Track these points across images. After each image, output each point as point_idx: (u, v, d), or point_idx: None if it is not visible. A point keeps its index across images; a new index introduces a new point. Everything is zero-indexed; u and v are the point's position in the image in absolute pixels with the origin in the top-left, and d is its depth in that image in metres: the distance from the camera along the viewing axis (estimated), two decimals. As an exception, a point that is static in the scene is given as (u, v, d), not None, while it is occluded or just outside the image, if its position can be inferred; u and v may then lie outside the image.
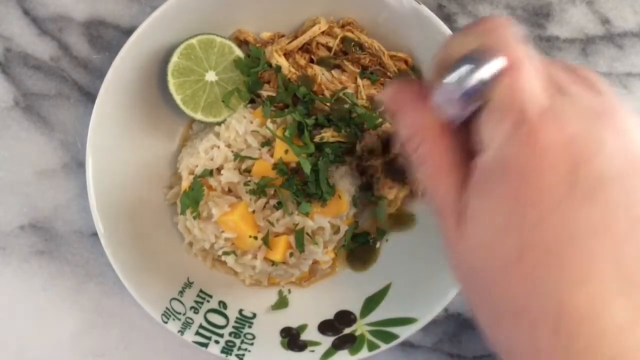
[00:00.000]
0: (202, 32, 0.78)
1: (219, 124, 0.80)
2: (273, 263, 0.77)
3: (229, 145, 0.78)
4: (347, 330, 0.78)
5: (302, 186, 0.76)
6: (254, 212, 0.76)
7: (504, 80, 0.37)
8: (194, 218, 0.76)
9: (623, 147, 0.36)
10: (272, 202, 0.77)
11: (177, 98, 0.77)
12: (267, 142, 0.78)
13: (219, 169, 0.78)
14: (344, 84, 0.79)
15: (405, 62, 0.82)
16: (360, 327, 0.78)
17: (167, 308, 0.76)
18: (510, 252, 0.36)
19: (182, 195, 0.76)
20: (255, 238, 0.75)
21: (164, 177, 0.83)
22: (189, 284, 0.79)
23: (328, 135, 0.77)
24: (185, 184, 0.78)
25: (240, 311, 0.80)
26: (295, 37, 0.81)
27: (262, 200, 0.76)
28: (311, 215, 0.76)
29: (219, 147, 0.78)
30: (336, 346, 0.76)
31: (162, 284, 0.78)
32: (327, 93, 0.79)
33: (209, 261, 0.82)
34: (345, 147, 0.79)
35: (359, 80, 0.80)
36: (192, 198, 0.75)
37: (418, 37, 0.79)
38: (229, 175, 0.76)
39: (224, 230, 0.75)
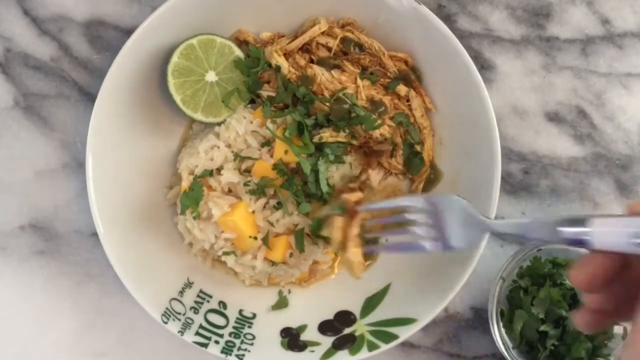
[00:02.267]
0: (202, 32, 0.78)
1: (219, 124, 0.80)
2: (273, 263, 0.77)
3: (229, 146, 0.78)
4: (347, 331, 0.78)
5: (302, 186, 0.76)
6: (253, 212, 0.76)
7: None
8: (194, 218, 0.76)
9: None
10: (272, 202, 0.77)
11: (177, 98, 0.77)
12: (267, 143, 0.78)
13: (219, 169, 0.78)
14: (343, 84, 0.79)
15: (405, 62, 0.82)
16: (360, 327, 0.78)
17: (167, 308, 0.76)
18: None
19: (182, 196, 0.76)
20: (255, 238, 0.75)
21: (164, 177, 0.83)
22: (189, 284, 0.80)
23: (327, 135, 0.77)
24: (185, 184, 0.78)
25: (240, 311, 0.80)
26: (295, 37, 0.81)
27: (262, 201, 0.76)
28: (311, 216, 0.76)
29: (219, 147, 0.78)
30: (336, 346, 0.76)
31: (162, 284, 0.78)
32: (326, 93, 0.79)
33: (209, 261, 0.82)
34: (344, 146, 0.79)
35: (359, 81, 0.80)
36: (192, 198, 0.75)
37: (418, 37, 0.79)
38: (229, 176, 0.76)
39: (224, 231, 0.75)
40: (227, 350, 0.75)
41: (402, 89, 0.81)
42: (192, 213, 0.76)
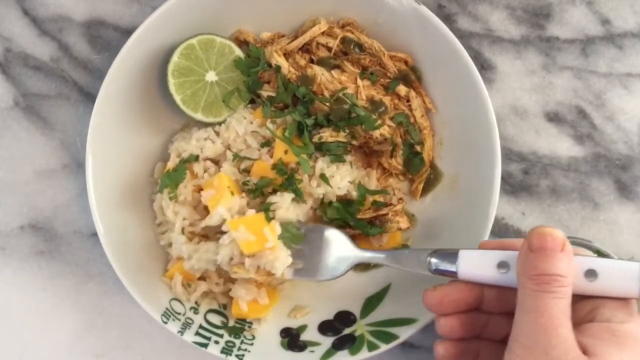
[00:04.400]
0: (202, 32, 0.78)
1: (219, 124, 0.80)
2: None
3: (228, 146, 0.78)
4: (347, 331, 0.78)
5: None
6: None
7: None
8: (170, 199, 0.76)
9: None
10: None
11: (177, 98, 0.78)
12: (267, 143, 0.78)
13: (206, 159, 0.78)
14: (343, 85, 0.79)
15: (405, 62, 0.82)
16: (360, 328, 0.78)
17: (167, 308, 0.76)
18: None
19: (164, 175, 0.77)
20: (233, 195, 0.73)
21: (164, 177, 0.83)
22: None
23: (327, 135, 0.77)
24: (171, 164, 0.78)
25: (240, 311, 0.80)
26: (295, 37, 0.81)
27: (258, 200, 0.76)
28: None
29: (213, 141, 0.78)
30: (336, 346, 0.76)
31: (162, 284, 0.78)
32: (326, 93, 0.79)
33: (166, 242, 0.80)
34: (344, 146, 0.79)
35: (359, 81, 0.80)
36: (173, 179, 0.76)
37: (418, 37, 0.79)
38: (227, 173, 0.76)
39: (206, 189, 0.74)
40: (227, 350, 0.75)
41: (402, 89, 0.81)
42: (169, 193, 0.76)
